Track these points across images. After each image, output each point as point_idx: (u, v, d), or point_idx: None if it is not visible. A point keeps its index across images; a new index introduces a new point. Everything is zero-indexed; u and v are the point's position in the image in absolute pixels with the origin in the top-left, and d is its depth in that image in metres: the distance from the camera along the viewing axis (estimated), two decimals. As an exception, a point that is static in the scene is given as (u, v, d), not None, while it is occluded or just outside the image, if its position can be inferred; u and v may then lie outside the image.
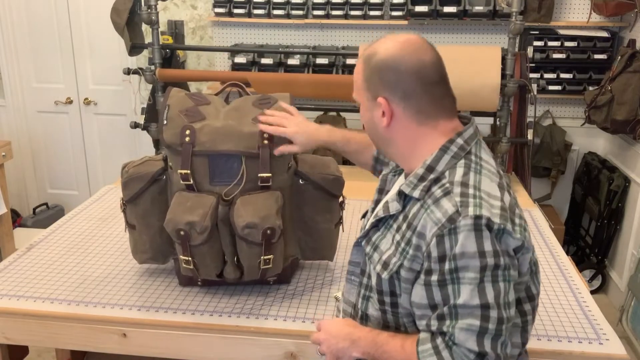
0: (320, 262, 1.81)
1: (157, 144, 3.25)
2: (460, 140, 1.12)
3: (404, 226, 1.10)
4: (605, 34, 3.40)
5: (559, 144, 3.59)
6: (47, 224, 2.24)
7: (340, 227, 1.74)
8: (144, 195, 1.59)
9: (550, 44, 3.43)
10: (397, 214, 1.13)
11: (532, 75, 3.37)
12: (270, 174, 1.51)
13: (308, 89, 2.91)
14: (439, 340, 1.04)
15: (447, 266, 1.01)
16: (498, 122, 2.89)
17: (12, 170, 3.99)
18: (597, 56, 3.41)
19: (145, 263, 1.69)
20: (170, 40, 3.69)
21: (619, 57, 3.12)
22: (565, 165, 3.66)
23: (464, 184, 1.06)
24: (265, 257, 1.49)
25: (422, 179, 1.10)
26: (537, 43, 3.43)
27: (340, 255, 1.83)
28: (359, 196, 1.98)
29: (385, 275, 1.10)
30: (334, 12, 3.55)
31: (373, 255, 1.15)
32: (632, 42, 3.12)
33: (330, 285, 1.69)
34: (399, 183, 1.22)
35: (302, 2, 3.57)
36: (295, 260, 1.72)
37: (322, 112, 3.65)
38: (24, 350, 1.77)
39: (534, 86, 2.78)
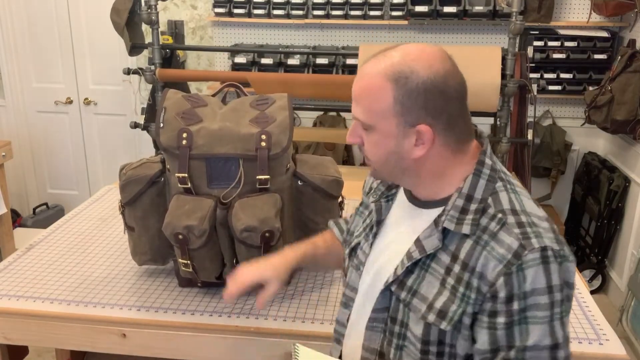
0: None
1: (156, 143, 3.25)
2: (488, 161, 1.02)
3: (457, 267, 0.97)
4: (605, 34, 3.40)
5: (559, 144, 3.59)
6: (47, 224, 2.24)
7: None
8: (142, 197, 1.58)
9: (550, 44, 3.43)
10: (435, 252, 1.00)
11: (532, 75, 3.37)
12: (268, 176, 1.50)
13: (308, 89, 2.91)
14: None
15: (515, 306, 0.91)
16: (498, 122, 2.89)
17: (12, 170, 3.99)
18: (597, 56, 3.42)
19: (145, 264, 1.69)
20: (170, 40, 3.69)
21: (619, 57, 3.12)
22: (565, 165, 3.66)
23: (514, 212, 0.97)
24: None
25: (464, 211, 0.98)
26: (537, 43, 3.43)
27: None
28: (358, 196, 1.98)
29: (445, 326, 0.96)
30: (334, 12, 3.55)
31: (412, 301, 1.01)
32: (632, 42, 3.12)
33: (330, 286, 1.69)
34: (404, 210, 1.10)
35: (302, 2, 3.58)
36: None
37: (322, 112, 3.66)
38: (24, 350, 1.77)
39: (534, 86, 2.78)
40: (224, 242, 1.50)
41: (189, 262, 1.49)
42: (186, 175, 1.48)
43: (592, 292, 3.28)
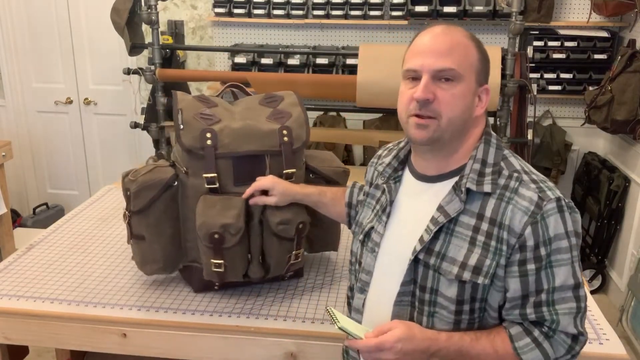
0: (320, 263, 1.82)
1: (157, 144, 3.25)
2: (490, 129, 1.15)
3: (484, 225, 1.06)
4: (605, 34, 3.40)
5: (559, 144, 3.59)
6: (47, 224, 2.24)
7: None
8: (156, 203, 1.54)
9: (550, 44, 3.43)
10: (457, 216, 1.08)
11: (532, 75, 3.37)
12: (294, 170, 1.54)
13: (308, 89, 2.91)
14: (536, 333, 1.05)
15: (542, 252, 1.03)
16: (498, 122, 2.89)
17: (12, 170, 4.00)
18: (597, 56, 3.42)
19: (156, 274, 1.65)
20: (170, 40, 3.69)
21: (619, 57, 3.12)
22: (565, 165, 3.66)
23: (525, 172, 1.09)
24: (296, 252, 1.53)
25: (481, 174, 1.08)
26: (537, 43, 3.43)
27: (340, 252, 1.84)
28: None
29: (483, 280, 1.05)
30: (334, 12, 3.55)
31: (441, 265, 1.08)
32: (632, 42, 3.12)
33: (330, 286, 1.69)
34: (413, 188, 1.18)
35: (302, 2, 3.58)
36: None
37: (322, 112, 3.66)
38: (24, 350, 1.77)
39: (534, 86, 2.79)
40: (255, 238, 1.51)
41: (222, 262, 1.47)
42: (215, 175, 1.48)
43: (592, 292, 3.28)
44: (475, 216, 1.07)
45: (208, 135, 1.49)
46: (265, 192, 1.48)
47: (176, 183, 1.56)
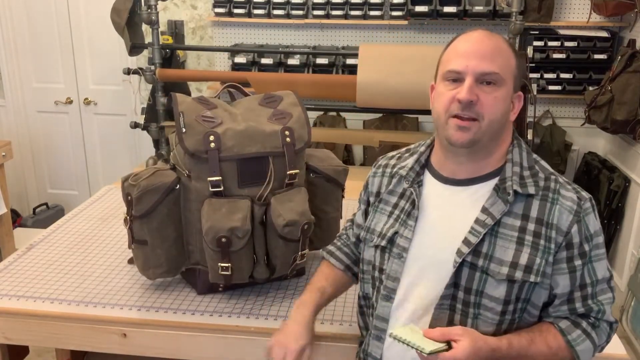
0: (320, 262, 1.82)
1: (157, 144, 3.25)
2: (517, 134, 1.19)
3: (531, 225, 1.09)
4: (605, 34, 3.40)
5: (559, 144, 3.59)
6: (47, 224, 2.24)
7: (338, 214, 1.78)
8: (159, 207, 1.52)
9: (550, 44, 3.43)
10: (501, 218, 1.10)
11: (532, 75, 3.37)
12: (298, 171, 1.54)
13: (308, 89, 2.91)
14: (584, 324, 1.12)
15: (587, 248, 1.10)
16: (498, 122, 2.89)
17: (12, 170, 4.00)
18: (597, 56, 3.42)
19: (159, 278, 1.64)
20: (170, 40, 3.69)
21: (619, 57, 3.12)
22: (565, 165, 3.66)
23: (557, 175, 1.15)
24: (302, 252, 1.53)
25: (522, 176, 1.12)
26: (537, 43, 3.43)
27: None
28: (358, 196, 1.98)
29: (535, 278, 1.08)
30: (334, 12, 3.55)
31: (489, 266, 1.09)
32: (632, 42, 3.12)
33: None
34: (440, 192, 1.17)
35: (302, 2, 3.58)
36: None
37: (322, 112, 3.66)
38: (24, 350, 1.77)
39: (534, 86, 2.79)
40: (260, 240, 1.51)
41: (229, 265, 1.47)
42: (220, 178, 1.48)
43: (592, 292, 3.27)
44: (519, 217, 1.10)
45: (211, 138, 1.48)
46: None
47: (178, 186, 1.55)
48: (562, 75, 3.48)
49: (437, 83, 1.14)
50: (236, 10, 3.64)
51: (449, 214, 1.15)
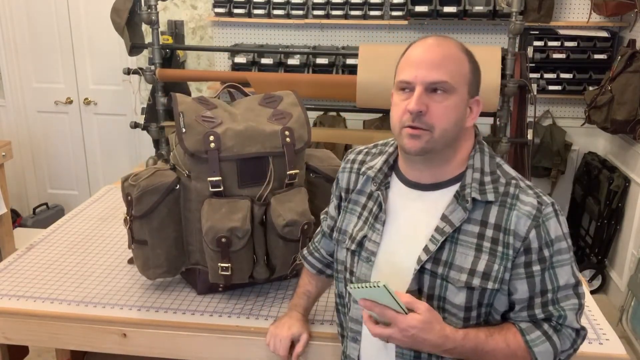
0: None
1: (157, 144, 3.24)
2: (481, 139, 1.17)
3: (489, 232, 1.08)
4: (605, 34, 3.40)
5: (559, 144, 3.59)
6: (47, 224, 2.24)
7: None
8: (159, 207, 1.52)
9: (550, 44, 3.43)
10: (461, 225, 1.09)
11: (532, 75, 3.37)
12: (298, 171, 1.54)
13: (308, 89, 2.90)
14: (546, 326, 1.10)
15: (546, 253, 1.08)
16: (498, 122, 2.89)
17: (12, 170, 3.99)
18: (597, 56, 3.42)
19: (159, 278, 1.64)
20: (170, 40, 3.69)
21: (619, 57, 3.12)
22: (565, 165, 3.66)
23: (520, 179, 1.14)
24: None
25: (481, 182, 1.11)
26: (537, 43, 3.43)
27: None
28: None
29: (492, 285, 1.07)
30: (334, 12, 3.55)
31: (449, 274, 1.09)
32: (632, 42, 3.12)
33: (329, 287, 1.69)
34: (405, 195, 1.16)
35: (302, 2, 3.58)
36: None
37: (322, 112, 3.66)
38: (24, 350, 1.77)
39: (534, 86, 2.78)
40: (260, 240, 1.51)
41: (229, 265, 1.47)
42: (220, 178, 1.48)
43: (592, 292, 3.28)
44: (478, 224, 1.09)
45: (211, 138, 1.48)
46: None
47: (178, 186, 1.55)
48: (562, 75, 3.48)
49: (393, 92, 1.13)
50: (236, 10, 3.64)
51: (414, 219, 1.15)
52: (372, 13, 3.54)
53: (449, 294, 1.09)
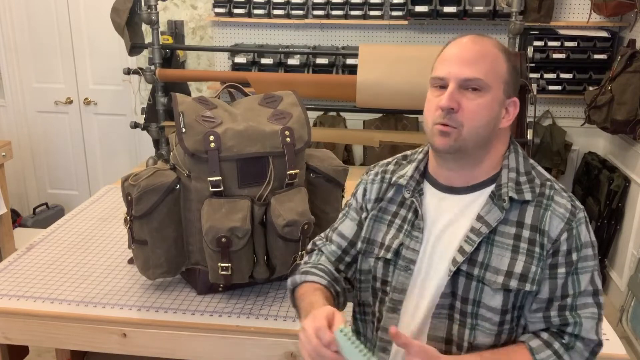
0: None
1: (157, 144, 3.25)
2: (514, 139, 1.16)
3: (526, 232, 1.07)
4: (605, 34, 3.40)
5: (559, 144, 3.59)
6: (47, 224, 2.24)
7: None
8: (159, 207, 1.52)
9: (550, 44, 3.43)
10: (497, 226, 1.08)
11: (532, 75, 3.37)
12: (298, 171, 1.55)
13: (308, 89, 2.91)
14: (557, 345, 1.06)
15: (574, 257, 1.06)
16: (498, 122, 2.88)
17: (12, 170, 3.99)
18: (597, 56, 3.41)
19: (159, 278, 1.64)
20: (170, 40, 3.69)
21: (619, 57, 3.11)
22: (565, 165, 3.66)
23: (554, 181, 1.12)
24: (302, 252, 1.52)
25: (518, 182, 1.10)
26: (537, 43, 3.43)
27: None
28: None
29: (530, 287, 1.06)
30: (334, 12, 3.55)
31: (485, 275, 1.07)
32: (632, 42, 3.12)
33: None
34: (440, 200, 1.14)
35: (302, 2, 3.57)
36: None
37: (322, 112, 3.66)
38: (24, 350, 1.77)
39: (534, 86, 2.78)
40: (260, 240, 1.51)
41: (229, 265, 1.47)
42: (220, 178, 1.48)
43: (592, 292, 3.27)
44: (515, 225, 1.08)
45: (211, 138, 1.48)
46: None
47: (178, 186, 1.55)
48: (562, 75, 3.48)
49: (429, 89, 1.12)
50: (236, 10, 3.64)
51: (449, 223, 1.13)
52: (372, 13, 3.53)
53: (485, 296, 1.07)
